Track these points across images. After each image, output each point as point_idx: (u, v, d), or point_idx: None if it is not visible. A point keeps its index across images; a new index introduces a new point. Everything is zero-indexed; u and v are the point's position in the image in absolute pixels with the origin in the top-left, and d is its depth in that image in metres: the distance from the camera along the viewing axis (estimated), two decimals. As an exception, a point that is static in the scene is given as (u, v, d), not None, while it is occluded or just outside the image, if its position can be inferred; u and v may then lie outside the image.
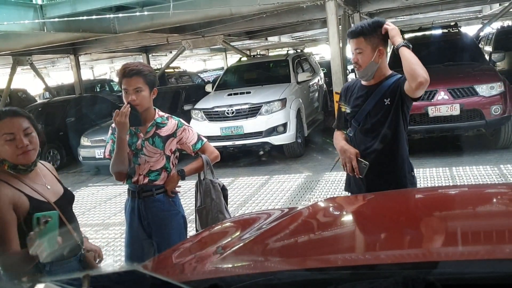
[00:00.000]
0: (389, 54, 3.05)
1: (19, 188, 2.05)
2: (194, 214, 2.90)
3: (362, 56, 2.55)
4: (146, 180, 2.76)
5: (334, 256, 1.33)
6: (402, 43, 2.46)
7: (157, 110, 2.84)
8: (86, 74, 22.88)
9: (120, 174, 2.77)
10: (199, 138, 2.87)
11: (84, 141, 8.69)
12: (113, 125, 2.77)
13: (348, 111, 2.73)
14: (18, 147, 2.03)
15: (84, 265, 2.21)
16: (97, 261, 2.35)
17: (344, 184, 2.90)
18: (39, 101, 14.38)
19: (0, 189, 1.99)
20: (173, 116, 2.88)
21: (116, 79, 2.86)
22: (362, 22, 2.61)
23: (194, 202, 2.93)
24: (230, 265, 1.41)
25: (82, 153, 8.61)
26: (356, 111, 2.67)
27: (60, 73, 24.89)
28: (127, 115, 2.58)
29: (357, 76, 2.69)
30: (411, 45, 2.47)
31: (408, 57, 2.41)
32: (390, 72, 2.65)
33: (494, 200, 1.79)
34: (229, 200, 3.03)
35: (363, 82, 2.68)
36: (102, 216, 6.21)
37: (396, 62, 2.68)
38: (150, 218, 2.78)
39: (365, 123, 2.65)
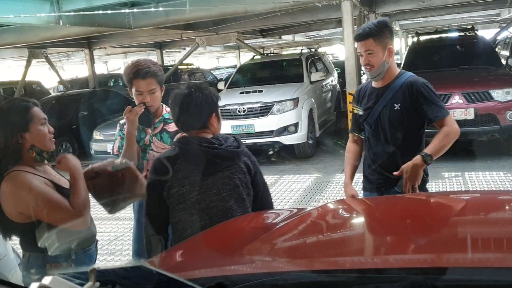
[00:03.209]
0: (404, 55, 3.03)
1: (44, 176, 2.12)
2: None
3: (373, 57, 2.53)
4: None
5: (342, 258, 1.32)
6: (426, 158, 2.42)
7: (164, 106, 2.84)
8: (100, 68, 23.06)
9: None
10: None
11: (97, 135, 8.75)
12: (121, 121, 2.78)
13: (360, 113, 2.72)
14: (50, 132, 2.14)
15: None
16: None
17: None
18: (53, 94, 14.52)
19: (34, 177, 2.06)
20: None
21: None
22: (368, 24, 2.58)
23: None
24: (236, 264, 1.41)
25: (94, 147, 8.66)
26: (368, 113, 2.66)
27: (74, 67, 25.11)
28: (138, 114, 2.59)
29: (367, 77, 2.67)
30: (429, 155, 2.43)
31: (442, 151, 2.46)
32: (398, 71, 2.63)
33: (507, 207, 1.76)
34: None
35: (373, 84, 2.67)
36: (112, 210, 6.23)
37: (410, 64, 2.66)
38: None
39: (376, 125, 2.63)
